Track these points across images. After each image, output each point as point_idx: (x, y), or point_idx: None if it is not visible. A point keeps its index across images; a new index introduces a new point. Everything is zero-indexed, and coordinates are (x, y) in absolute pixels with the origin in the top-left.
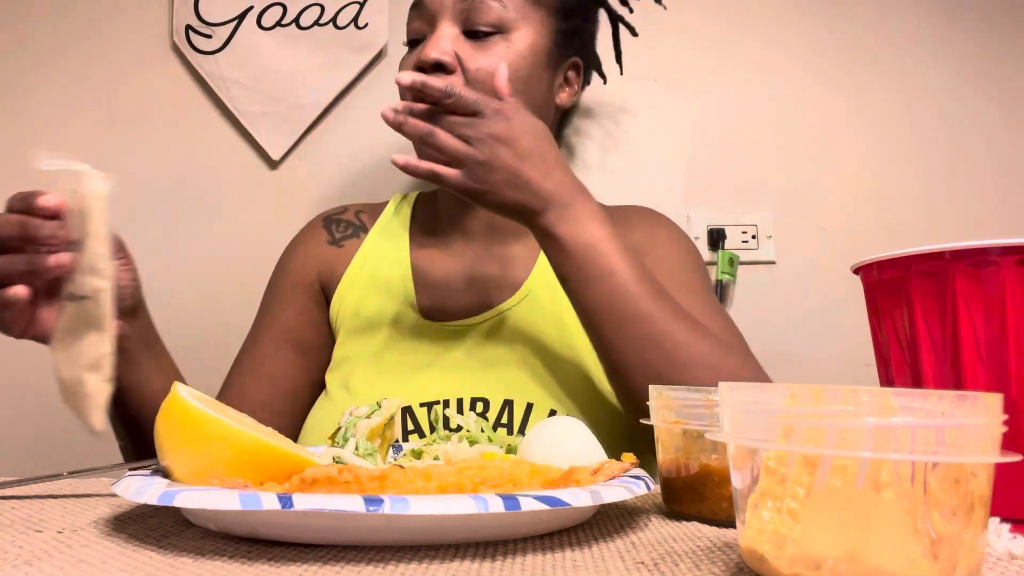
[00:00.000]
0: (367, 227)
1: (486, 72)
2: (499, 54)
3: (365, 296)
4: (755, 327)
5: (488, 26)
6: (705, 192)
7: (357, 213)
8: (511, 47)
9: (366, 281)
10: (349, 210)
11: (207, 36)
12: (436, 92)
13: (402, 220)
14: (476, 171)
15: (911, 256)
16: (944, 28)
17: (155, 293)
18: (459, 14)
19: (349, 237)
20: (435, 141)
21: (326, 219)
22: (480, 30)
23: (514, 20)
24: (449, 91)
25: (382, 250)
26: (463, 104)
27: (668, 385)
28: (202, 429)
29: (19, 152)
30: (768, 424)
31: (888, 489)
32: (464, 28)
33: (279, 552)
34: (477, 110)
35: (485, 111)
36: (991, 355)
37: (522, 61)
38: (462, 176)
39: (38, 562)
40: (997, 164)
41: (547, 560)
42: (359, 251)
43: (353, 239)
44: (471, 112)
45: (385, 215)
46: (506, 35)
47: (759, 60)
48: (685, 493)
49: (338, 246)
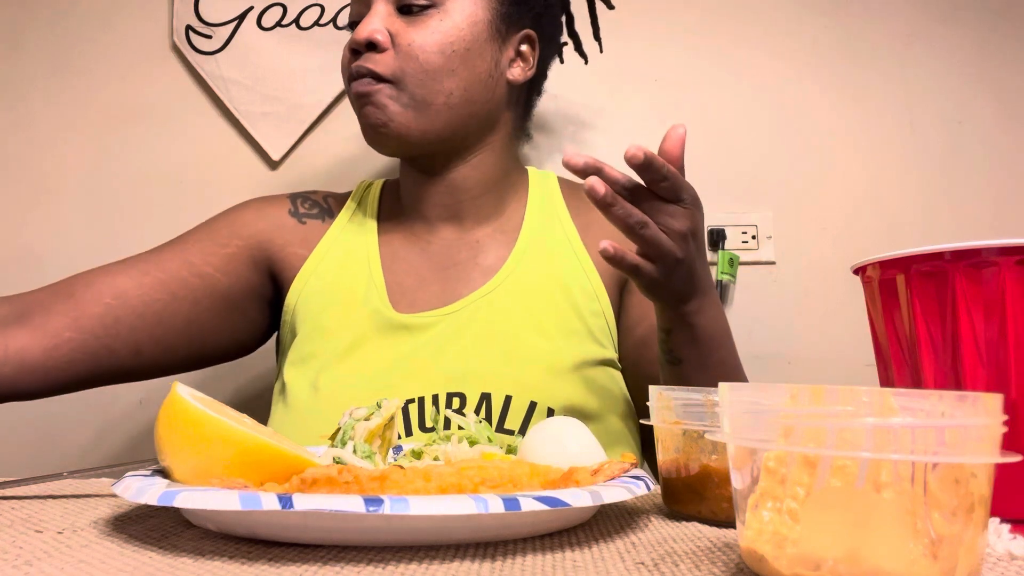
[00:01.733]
0: (333, 212)
1: (419, 47)
2: (433, 28)
3: (332, 290)
4: (755, 327)
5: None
6: (705, 192)
7: (325, 197)
8: (446, 19)
9: (333, 273)
10: (318, 193)
11: (207, 36)
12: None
13: (369, 209)
14: (668, 266)
15: (911, 256)
16: (944, 28)
17: None
18: None
19: (314, 217)
20: (647, 233)
21: (292, 194)
22: (414, 4)
23: None
24: (665, 173)
25: (349, 241)
26: (673, 189)
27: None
28: (202, 429)
29: (19, 152)
30: (768, 424)
31: (888, 489)
32: (397, 4)
33: (279, 552)
34: (680, 197)
35: (686, 198)
36: (991, 355)
37: (459, 33)
38: (656, 271)
39: (38, 562)
40: (997, 164)
41: (547, 560)
42: (324, 238)
43: (317, 221)
44: (675, 198)
45: (351, 203)
46: (441, 7)
47: (759, 60)
48: (685, 493)
49: (300, 221)
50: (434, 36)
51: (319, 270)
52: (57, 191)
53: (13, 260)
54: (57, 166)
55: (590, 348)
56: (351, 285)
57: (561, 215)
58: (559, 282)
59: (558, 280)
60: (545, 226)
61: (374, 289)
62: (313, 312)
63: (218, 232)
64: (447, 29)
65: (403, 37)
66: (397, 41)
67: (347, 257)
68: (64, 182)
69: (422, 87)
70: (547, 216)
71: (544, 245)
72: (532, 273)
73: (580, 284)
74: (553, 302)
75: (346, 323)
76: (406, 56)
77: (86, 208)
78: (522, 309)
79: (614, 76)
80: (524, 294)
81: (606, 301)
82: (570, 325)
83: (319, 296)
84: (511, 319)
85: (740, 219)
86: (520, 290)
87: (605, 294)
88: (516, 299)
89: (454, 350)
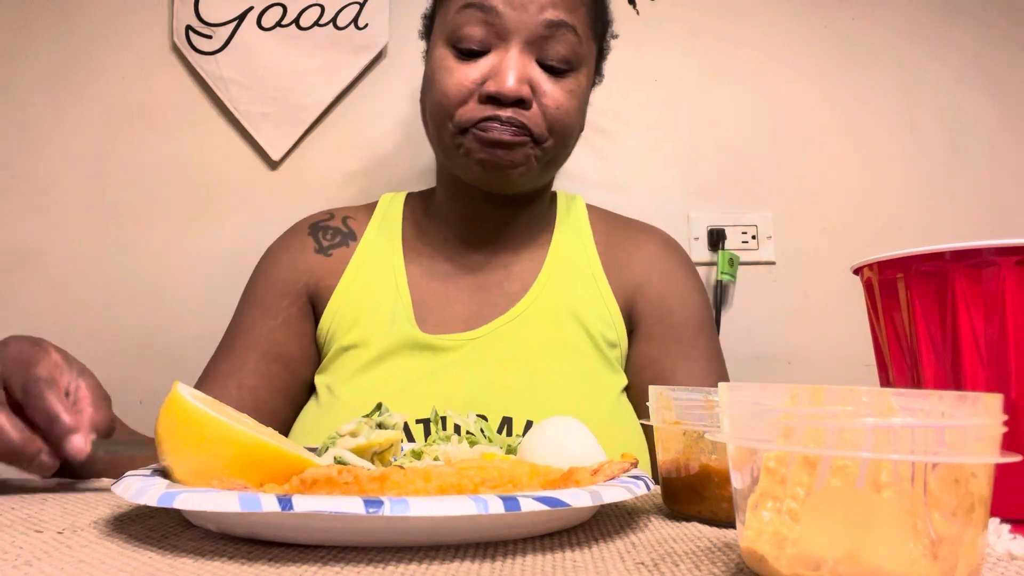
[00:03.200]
0: (356, 235)
1: (565, 112)
2: (572, 90)
3: (359, 313)
4: (755, 327)
5: (562, 62)
6: (705, 192)
7: (344, 219)
8: (581, 82)
9: (359, 295)
10: (335, 216)
11: (207, 36)
12: None
13: (393, 224)
14: None
15: (911, 256)
16: (944, 28)
17: (155, 293)
18: (537, 40)
19: (337, 246)
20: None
21: (312, 226)
22: (555, 67)
23: (583, 56)
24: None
25: (375, 260)
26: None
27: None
28: (202, 429)
29: (20, 152)
30: (768, 424)
31: (888, 489)
32: (537, 57)
33: (279, 553)
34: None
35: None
36: (991, 355)
37: (583, 98)
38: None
39: (38, 562)
40: (997, 164)
41: (547, 560)
42: (351, 262)
43: (342, 247)
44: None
45: (375, 219)
46: (577, 72)
47: (759, 60)
48: (685, 493)
49: (326, 255)
50: (574, 100)
51: (349, 293)
52: (57, 191)
53: (13, 260)
54: (57, 166)
55: (607, 376)
56: (378, 304)
57: (586, 242)
58: (579, 310)
59: (578, 308)
60: (570, 253)
61: (401, 307)
62: (343, 330)
63: (267, 303)
64: (581, 93)
65: (550, 98)
66: (543, 101)
67: (374, 277)
68: (64, 182)
69: (562, 148)
70: (572, 243)
71: (567, 272)
72: (554, 300)
73: (599, 313)
74: (573, 330)
75: (373, 339)
76: (552, 118)
77: (86, 208)
78: (543, 336)
79: (614, 76)
80: (546, 321)
81: (622, 330)
82: (588, 353)
83: (349, 317)
84: (532, 346)
85: (740, 219)
86: (542, 317)
87: (622, 323)
88: (538, 326)
89: (476, 373)
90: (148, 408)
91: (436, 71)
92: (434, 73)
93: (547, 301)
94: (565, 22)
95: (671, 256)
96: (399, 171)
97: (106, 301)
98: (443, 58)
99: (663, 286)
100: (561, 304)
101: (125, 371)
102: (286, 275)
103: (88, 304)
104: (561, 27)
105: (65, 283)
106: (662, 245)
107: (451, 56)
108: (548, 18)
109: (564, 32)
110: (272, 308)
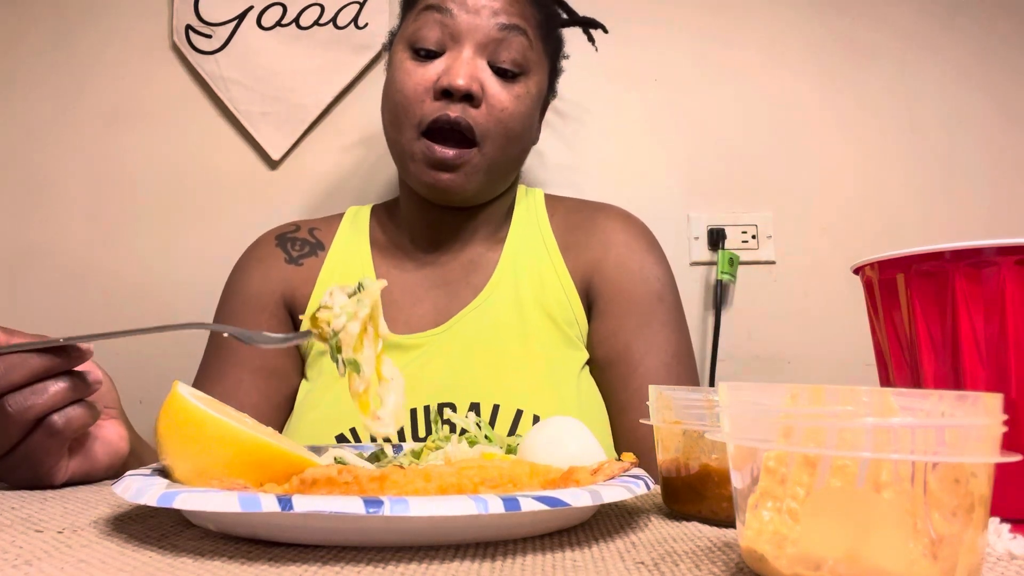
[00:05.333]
0: (324, 245)
1: (509, 115)
2: (520, 95)
3: None
4: (755, 327)
5: (514, 65)
6: (705, 192)
7: (311, 231)
8: (531, 88)
9: None
10: (301, 228)
11: (207, 36)
12: None
13: (361, 234)
14: None
15: (911, 256)
16: (944, 28)
17: (155, 293)
18: (490, 43)
19: (307, 256)
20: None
21: (278, 237)
22: (507, 69)
23: (534, 63)
24: None
25: (346, 266)
26: None
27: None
28: (202, 429)
29: (19, 151)
30: (768, 424)
31: (888, 489)
32: (489, 59)
33: (279, 552)
34: None
35: None
36: (991, 355)
37: (533, 103)
38: None
39: (38, 562)
40: (997, 164)
41: (547, 560)
42: (322, 270)
43: (311, 257)
44: None
45: (342, 230)
46: (527, 77)
47: (759, 60)
48: (685, 493)
49: (297, 264)
50: (521, 105)
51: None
52: (57, 191)
53: (13, 260)
54: (57, 166)
55: (568, 354)
56: None
57: (543, 228)
58: (537, 293)
59: (536, 291)
60: (527, 240)
61: None
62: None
63: (244, 319)
64: (530, 99)
65: (496, 98)
66: (490, 101)
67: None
68: (64, 182)
69: (501, 153)
70: (530, 231)
71: (525, 259)
72: (514, 286)
73: (556, 295)
74: (533, 313)
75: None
76: (496, 119)
77: (86, 208)
78: (505, 321)
79: (614, 76)
80: (507, 307)
81: (579, 309)
82: (549, 333)
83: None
84: (496, 331)
85: (740, 219)
86: (503, 303)
87: (579, 302)
88: (500, 312)
89: (443, 364)
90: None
91: (395, 72)
92: (394, 74)
93: (507, 288)
94: (517, 25)
95: (629, 231)
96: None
97: (106, 300)
98: (402, 61)
99: (619, 261)
100: (521, 289)
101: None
102: (259, 288)
103: (88, 303)
104: (513, 30)
105: (65, 282)
106: (619, 221)
107: (409, 58)
108: (501, 22)
109: (515, 35)
110: (250, 323)
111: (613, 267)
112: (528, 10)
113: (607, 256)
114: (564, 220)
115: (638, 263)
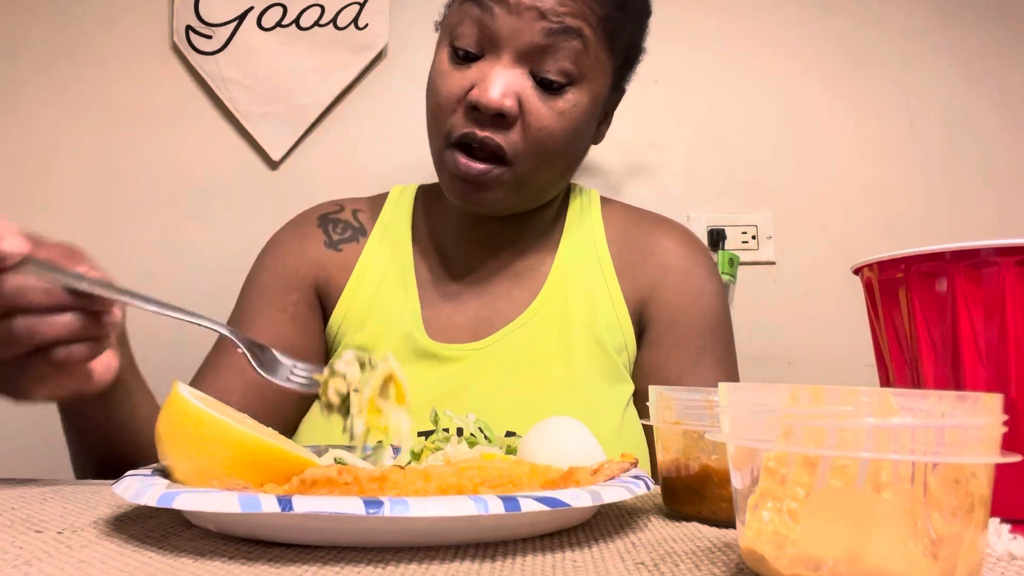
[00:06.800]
0: (366, 230)
1: (548, 134)
2: (565, 111)
3: (367, 314)
4: (755, 327)
5: (562, 75)
6: (705, 192)
7: (355, 212)
8: (579, 101)
9: (368, 295)
10: (345, 209)
11: (207, 36)
12: None
13: (402, 221)
14: None
15: (911, 256)
16: (944, 28)
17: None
18: (534, 50)
19: (347, 241)
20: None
21: (321, 218)
22: (552, 80)
23: (590, 67)
24: None
25: (384, 258)
26: None
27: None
28: (203, 429)
29: (19, 152)
30: (768, 424)
31: (888, 489)
32: (532, 69)
33: (279, 553)
34: None
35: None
36: (991, 355)
37: (583, 118)
38: None
39: (38, 562)
40: (997, 164)
41: (547, 560)
42: (360, 259)
43: (352, 243)
44: None
45: (384, 214)
46: (577, 86)
47: (759, 60)
48: (685, 493)
49: (336, 249)
50: (564, 121)
51: (358, 291)
52: (57, 191)
53: None
54: (57, 166)
55: (614, 389)
56: (387, 306)
57: (599, 243)
58: (587, 316)
59: (587, 314)
60: (581, 255)
61: (409, 312)
62: (352, 329)
63: (273, 294)
64: (577, 115)
65: (535, 115)
66: (527, 119)
67: (383, 278)
68: (64, 182)
69: (535, 172)
70: (584, 244)
71: (577, 276)
72: (562, 306)
73: (607, 318)
74: (580, 336)
75: (380, 343)
76: (532, 139)
77: (86, 208)
78: (549, 345)
79: None
80: (553, 328)
81: (630, 335)
82: (596, 361)
83: (358, 316)
84: (539, 355)
85: (740, 219)
86: (549, 324)
87: (631, 327)
88: (545, 334)
89: (480, 385)
90: None
91: (434, 72)
92: (433, 74)
93: (554, 307)
94: (569, 28)
95: (689, 257)
96: (399, 171)
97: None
98: (441, 60)
99: (677, 290)
100: (569, 309)
101: None
102: (295, 267)
103: None
104: (563, 35)
105: None
106: (681, 243)
107: (447, 58)
108: (548, 26)
109: (566, 40)
110: (279, 300)
111: (670, 296)
112: (587, 5)
113: (664, 281)
114: (621, 235)
115: (695, 290)
